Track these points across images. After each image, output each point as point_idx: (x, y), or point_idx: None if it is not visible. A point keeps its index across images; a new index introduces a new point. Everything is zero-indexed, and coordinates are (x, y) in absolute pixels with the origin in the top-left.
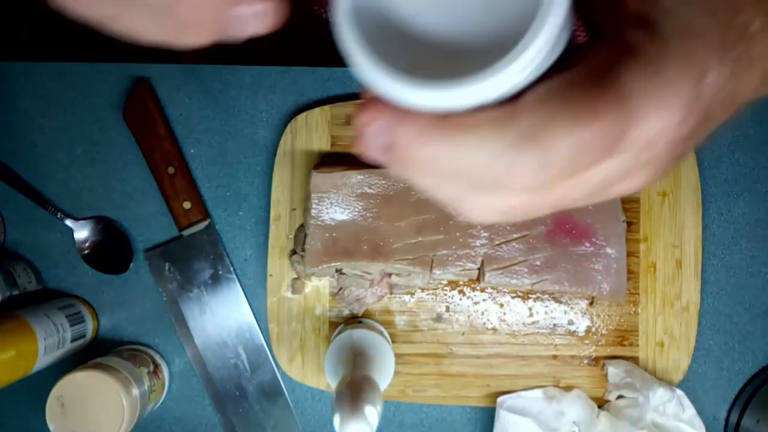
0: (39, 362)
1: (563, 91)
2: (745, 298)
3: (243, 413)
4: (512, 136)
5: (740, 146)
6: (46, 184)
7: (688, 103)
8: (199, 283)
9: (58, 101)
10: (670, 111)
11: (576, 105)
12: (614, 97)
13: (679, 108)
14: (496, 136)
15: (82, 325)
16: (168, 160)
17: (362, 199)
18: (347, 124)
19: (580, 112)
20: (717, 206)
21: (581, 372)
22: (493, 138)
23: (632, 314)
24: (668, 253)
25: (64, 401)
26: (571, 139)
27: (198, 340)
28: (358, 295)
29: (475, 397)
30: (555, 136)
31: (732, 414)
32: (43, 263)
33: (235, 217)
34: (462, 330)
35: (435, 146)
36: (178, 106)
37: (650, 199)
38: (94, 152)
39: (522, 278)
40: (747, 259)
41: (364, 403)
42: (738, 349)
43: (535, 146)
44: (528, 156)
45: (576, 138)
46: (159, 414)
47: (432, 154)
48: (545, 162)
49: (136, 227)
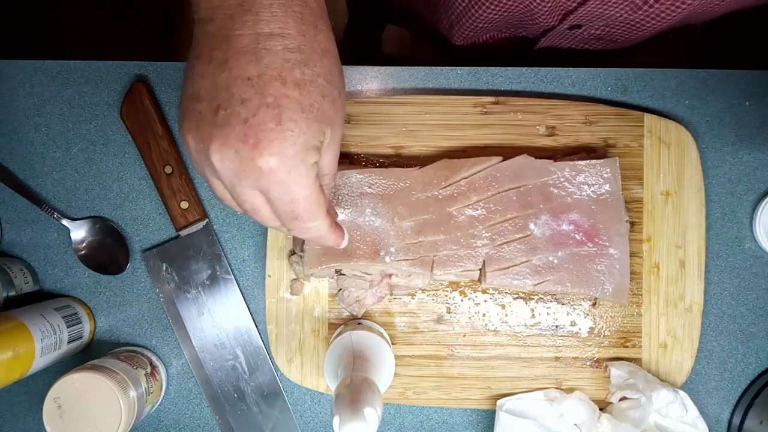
0: (36, 364)
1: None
2: (749, 299)
3: (241, 415)
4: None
5: (744, 146)
6: (42, 184)
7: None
8: (197, 283)
9: (55, 100)
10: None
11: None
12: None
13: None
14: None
15: (79, 327)
16: (165, 159)
17: (362, 198)
18: (346, 123)
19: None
20: (720, 206)
21: (583, 374)
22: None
23: (635, 315)
24: (671, 254)
25: (61, 403)
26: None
27: (196, 341)
28: (358, 297)
29: (476, 399)
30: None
31: (735, 415)
32: (40, 264)
33: (233, 217)
34: (463, 331)
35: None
36: (175, 104)
37: (653, 199)
38: (90, 151)
39: (524, 279)
40: (750, 259)
41: (363, 405)
42: (741, 350)
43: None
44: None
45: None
46: (156, 416)
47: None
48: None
49: (133, 227)
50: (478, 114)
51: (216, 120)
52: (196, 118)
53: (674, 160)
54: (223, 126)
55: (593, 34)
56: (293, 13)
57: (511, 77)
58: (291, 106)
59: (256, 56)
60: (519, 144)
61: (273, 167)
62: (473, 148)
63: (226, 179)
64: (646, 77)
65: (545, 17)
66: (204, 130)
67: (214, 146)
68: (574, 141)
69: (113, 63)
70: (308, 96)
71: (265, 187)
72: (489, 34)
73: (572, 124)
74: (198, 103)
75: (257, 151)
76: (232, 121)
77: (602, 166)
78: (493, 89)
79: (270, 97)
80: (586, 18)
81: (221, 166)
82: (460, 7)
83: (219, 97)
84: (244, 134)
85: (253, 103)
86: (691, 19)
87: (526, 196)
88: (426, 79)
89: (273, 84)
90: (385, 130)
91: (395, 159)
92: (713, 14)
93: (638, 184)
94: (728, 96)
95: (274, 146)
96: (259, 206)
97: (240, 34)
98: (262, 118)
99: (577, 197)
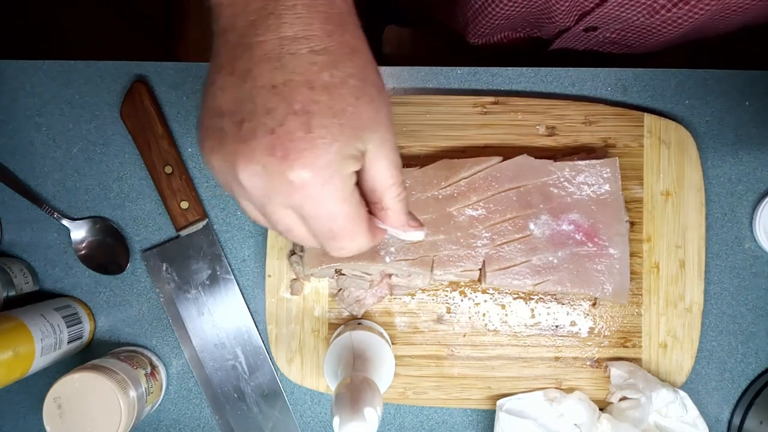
0: (36, 364)
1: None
2: (749, 299)
3: (241, 415)
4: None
5: (744, 146)
6: (42, 184)
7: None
8: (197, 283)
9: (55, 100)
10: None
11: None
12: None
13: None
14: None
15: (79, 327)
16: (165, 159)
17: None
18: None
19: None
20: (720, 206)
21: (583, 374)
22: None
23: (635, 315)
24: (671, 254)
25: (61, 403)
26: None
27: (196, 341)
28: (358, 296)
29: (476, 399)
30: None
31: (735, 415)
32: (40, 264)
33: (233, 216)
34: (463, 331)
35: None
36: (175, 104)
37: (653, 199)
38: (90, 151)
39: (524, 279)
40: (750, 259)
41: (363, 405)
42: (741, 350)
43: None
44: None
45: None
46: (156, 416)
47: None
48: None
49: (133, 227)
50: (478, 114)
51: (240, 135)
52: (219, 135)
53: (674, 160)
54: (248, 140)
55: (608, 37)
56: (318, 13)
57: (511, 77)
58: (321, 111)
59: (280, 62)
60: (519, 144)
61: (305, 180)
62: (473, 148)
63: (256, 199)
64: (646, 77)
65: (562, 16)
66: (228, 147)
67: (240, 163)
68: (574, 141)
69: (113, 63)
70: (339, 99)
71: (298, 203)
72: (504, 34)
73: (572, 124)
74: (220, 119)
75: (287, 164)
76: (257, 134)
77: (602, 166)
78: (493, 89)
79: (297, 104)
80: (603, 20)
81: (250, 184)
82: (479, 2)
83: (243, 110)
84: (271, 146)
85: (280, 112)
86: (706, 31)
87: (526, 196)
88: (426, 79)
89: (300, 90)
90: None
91: None
92: (728, 26)
93: (638, 184)
94: (728, 96)
95: (304, 157)
96: (293, 226)
97: (262, 40)
98: (290, 126)
99: (577, 197)
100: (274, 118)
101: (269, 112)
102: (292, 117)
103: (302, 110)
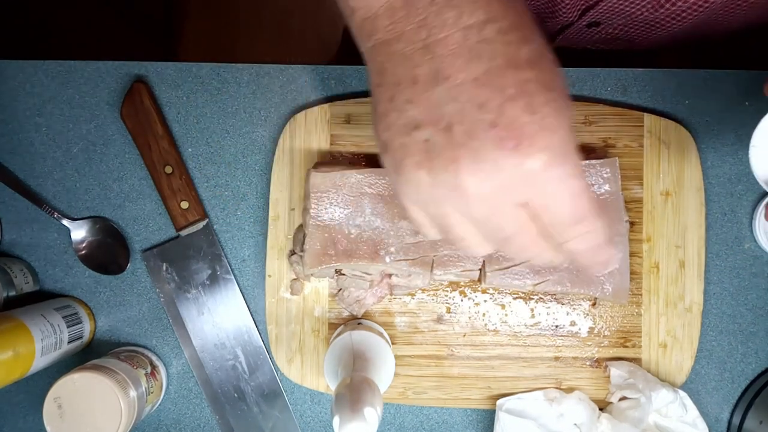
0: (36, 364)
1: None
2: (749, 299)
3: (241, 415)
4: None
5: (743, 146)
6: (42, 184)
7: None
8: (197, 283)
9: (55, 100)
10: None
11: None
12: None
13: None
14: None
15: (79, 326)
16: (165, 159)
17: (362, 198)
18: (347, 122)
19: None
20: (720, 206)
21: (583, 374)
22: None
23: (635, 315)
24: (671, 254)
25: (61, 403)
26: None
27: (196, 341)
28: (358, 296)
29: (476, 399)
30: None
31: (735, 415)
32: (40, 264)
33: (233, 217)
34: (463, 331)
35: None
36: (175, 104)
37: (653, 199)
38: (91, 151)
39: (523, 279)
40: (750, 259)
41: (363, 405)
42: (741, 350)
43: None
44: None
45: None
46: (156, 416)
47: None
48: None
49: (133, 227)
50: None
51: (455, 140)
52: (424, 148)
53: (674, 160)
54: (467, 142)
55: (611, 33)
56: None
57: None
58: (537, 89)
59: (472, 52)
60: None
61: (546, 163)
62: None
63: (486, 204)
64: (646, 77)
65: (566, 11)
66: (444, 157)
67: (464, 169)
68: None
69: (113, 63)
70: (545, 71)
71: (538, 192)
72: None
73: (572, 124)
74: (419, 132)
75: (522, 153)
76: (476, 133)
77: (602, 166)
78: None
79: (510, 89)
80: (606, 14)
81: (479, 189)
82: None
83: (446, 114)
84: (498, 140)
85: (494, 103)
86: (709, 29)
87: None
88: None
89: (507, 74)
90: None
91: None
92: (731, 23)
93: (638, 184)
94: (728, 96)
95: (539, 140)
96: (523, 226)
97: (444, 36)
98: (512, 114)
99: None
100: (490, 111)
101: (482, 106)
102: (510, 104)
103: (518, 93)
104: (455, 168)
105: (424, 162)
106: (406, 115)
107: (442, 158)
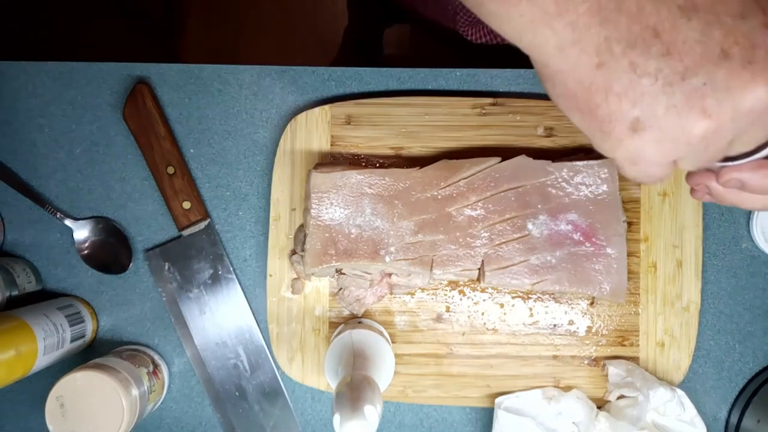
0: (38, 362)
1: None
2: (746, 298)
3: (242, 413)
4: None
5: None
6: (45, 184)
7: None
8: (199, 283)
9: (58, 101)
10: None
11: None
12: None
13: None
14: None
15: (82, 326)
16: (167, 159)
17: (362, 198)
18: (347, 123)
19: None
20: (717, 206)
21: (581, 372)
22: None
23: (633, 314)
24: (669, 253)
25: (63, 402)
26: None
27: (197, 340)
28: (358, 296)
29: (475, 397)
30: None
31: (732, 414)
32: (43, 263)
33: (234, 217)
34: (462, 330)
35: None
36: (177, 105)
37: (651, 199)
38: (93, 152)
39: (522, 278)
40: (747, 259)
41: (364, 403)
42: (738, 349)
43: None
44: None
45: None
46: (158, 414)
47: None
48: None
49: (135, 227)
50: (477, 115)
51: (739, 61)
52: (699, 92)
53: None
54: (747, 66)
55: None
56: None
57: (509, 79)
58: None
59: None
60: (517, 145)
61: None
62: (472, 149)
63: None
64: None
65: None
66: (735, 76)
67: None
68: (572, 142)
69: (115, 64)
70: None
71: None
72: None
73: (570, 125)
74: (693, 79)
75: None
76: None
77: (600, 166)
78: (492, 91)
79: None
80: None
81: (757, 105)
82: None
83: (714, 41)
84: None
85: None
86: None
87: (524, 197)
88: (425, 81)
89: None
90: (385, 131)
91: (395, 160)
92: None
93: (635, 184)
94: None
95: None
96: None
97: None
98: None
99: (575, 197)
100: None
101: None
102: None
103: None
104: (753, 86)
105: (759, 74)
106: (676, 61)
107: (728, 78)
